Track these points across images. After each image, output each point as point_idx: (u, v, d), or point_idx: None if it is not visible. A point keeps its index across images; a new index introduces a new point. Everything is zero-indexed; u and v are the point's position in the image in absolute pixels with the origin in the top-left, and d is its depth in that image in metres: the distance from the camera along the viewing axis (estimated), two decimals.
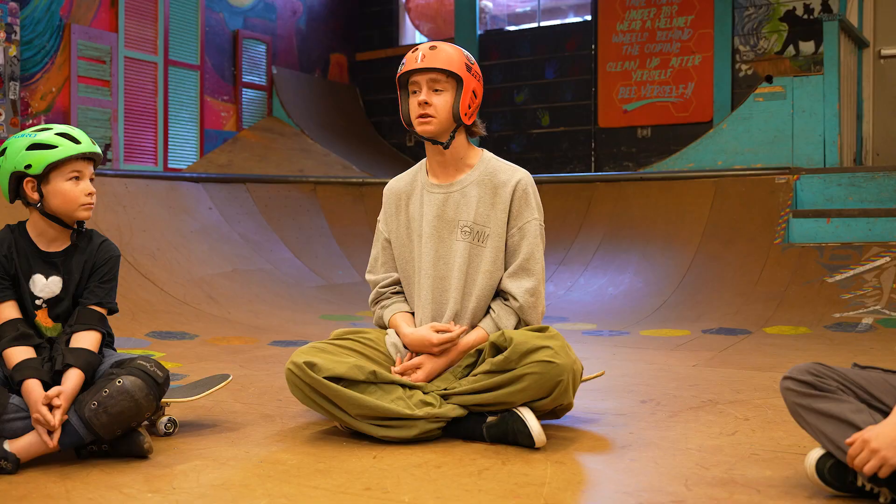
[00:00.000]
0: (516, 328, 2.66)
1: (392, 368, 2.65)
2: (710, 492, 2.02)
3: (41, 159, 2.36)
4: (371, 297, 2.88)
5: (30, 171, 2.37)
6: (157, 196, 6.45)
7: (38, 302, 2.45)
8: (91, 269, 2.50)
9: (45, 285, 2.46)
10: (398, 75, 2.72)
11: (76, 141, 2.41)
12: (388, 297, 2.83)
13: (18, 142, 2.39)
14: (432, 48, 2.65)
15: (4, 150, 2.42)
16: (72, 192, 2.41)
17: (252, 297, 5.97)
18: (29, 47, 7.06)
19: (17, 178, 2.41)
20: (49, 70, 7.24)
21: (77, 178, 2.42)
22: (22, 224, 2.50)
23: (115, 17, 7.84)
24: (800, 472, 2.12)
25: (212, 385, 2.76)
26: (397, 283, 2.84)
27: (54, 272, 2.47)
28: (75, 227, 2.48)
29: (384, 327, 2.83)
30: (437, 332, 2.62)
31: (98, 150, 2.47)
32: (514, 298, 2.65)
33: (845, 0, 7.85)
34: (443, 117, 2.66)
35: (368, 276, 2.90)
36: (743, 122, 6.90)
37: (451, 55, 2.65)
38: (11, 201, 2.48)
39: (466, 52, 2.71)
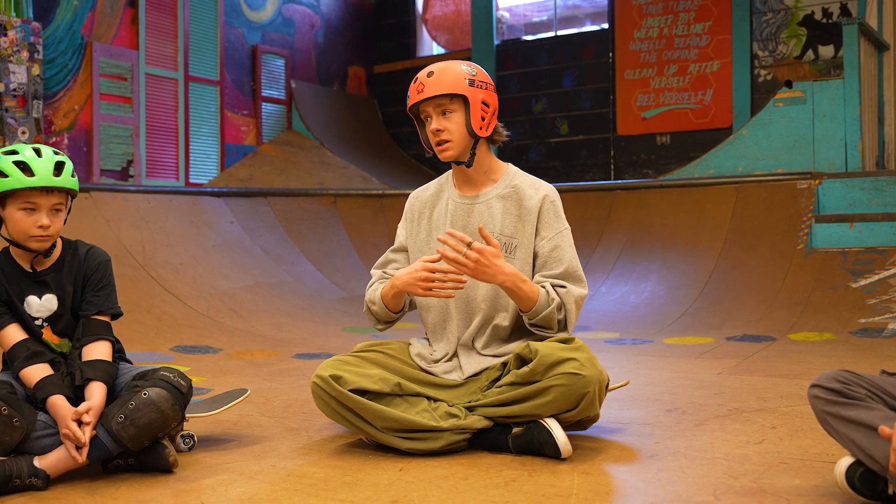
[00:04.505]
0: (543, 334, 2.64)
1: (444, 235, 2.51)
2: (739, 501, 2.01)
3: None
4: (370, 283, 2.83)
5: None
6: (179, 211, 6.50)
7: (38, 322, 2.44)
8: (83, 280, 2.48)
9: (41, 305, 2.44)
10: (408, 108, 2.72)
11: (30, 172, 2.31)
12: (383, 279, 2.79)
13: None
14: (429, 74, 2.63)
15: None
16: (22, 223, 2.34)
17: (274, 310, 6.00)
18: (51, 66, 7.15)
19: None
20: (71, 88, 7.33)
21: (31, 209, 2.34)
22: (6, 249, 2.47)
23: (135, 35, 7.92)
24: (829, 480, 2.10)
25: (230, 400, 2.79)
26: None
27: (46, 290, 2.45)
28: (35, 254, 2.42)
29: (383, 313, 2.75)
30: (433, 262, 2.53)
31: (62, 182, 2.34)
32: (568, 299, 2.61)
33: (864, 3, 7.79)
34: (458, 138, 2.65)
35: (373, 271, 2.86)
36: (763, 127, 6.87)
37: (451, 75, 2.62)
38: None
39: (468, 66, 2.67)
